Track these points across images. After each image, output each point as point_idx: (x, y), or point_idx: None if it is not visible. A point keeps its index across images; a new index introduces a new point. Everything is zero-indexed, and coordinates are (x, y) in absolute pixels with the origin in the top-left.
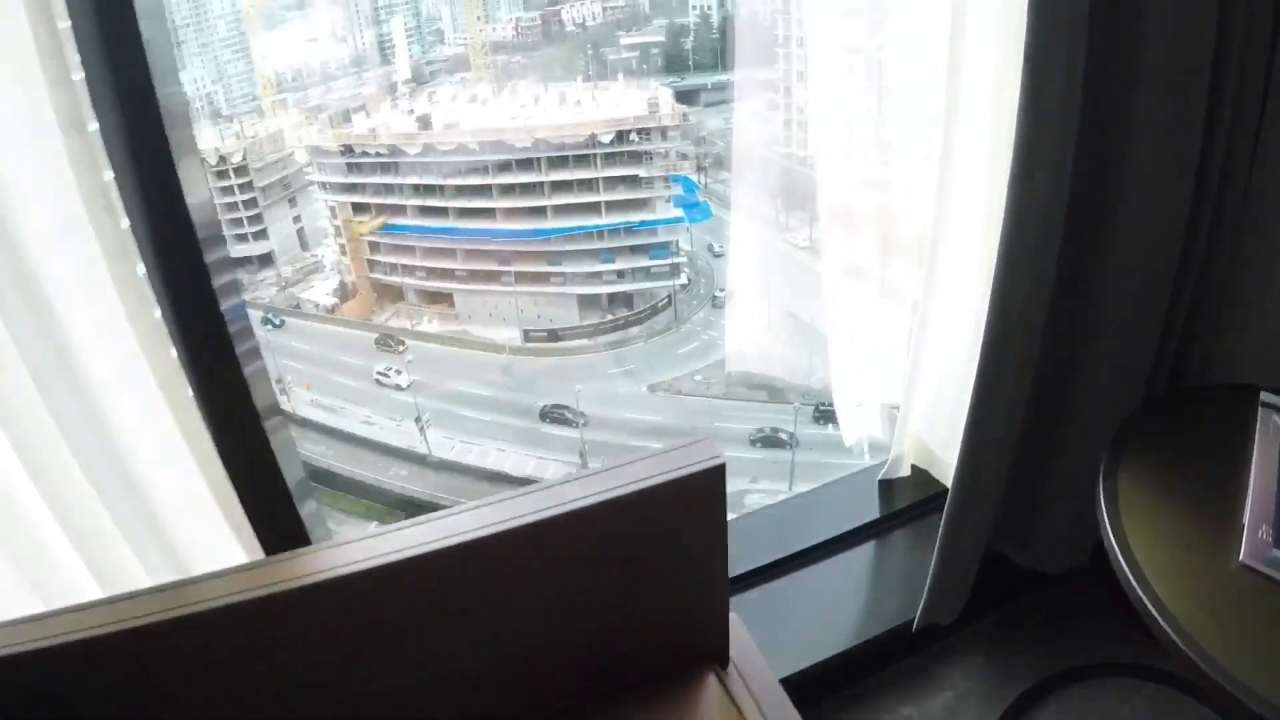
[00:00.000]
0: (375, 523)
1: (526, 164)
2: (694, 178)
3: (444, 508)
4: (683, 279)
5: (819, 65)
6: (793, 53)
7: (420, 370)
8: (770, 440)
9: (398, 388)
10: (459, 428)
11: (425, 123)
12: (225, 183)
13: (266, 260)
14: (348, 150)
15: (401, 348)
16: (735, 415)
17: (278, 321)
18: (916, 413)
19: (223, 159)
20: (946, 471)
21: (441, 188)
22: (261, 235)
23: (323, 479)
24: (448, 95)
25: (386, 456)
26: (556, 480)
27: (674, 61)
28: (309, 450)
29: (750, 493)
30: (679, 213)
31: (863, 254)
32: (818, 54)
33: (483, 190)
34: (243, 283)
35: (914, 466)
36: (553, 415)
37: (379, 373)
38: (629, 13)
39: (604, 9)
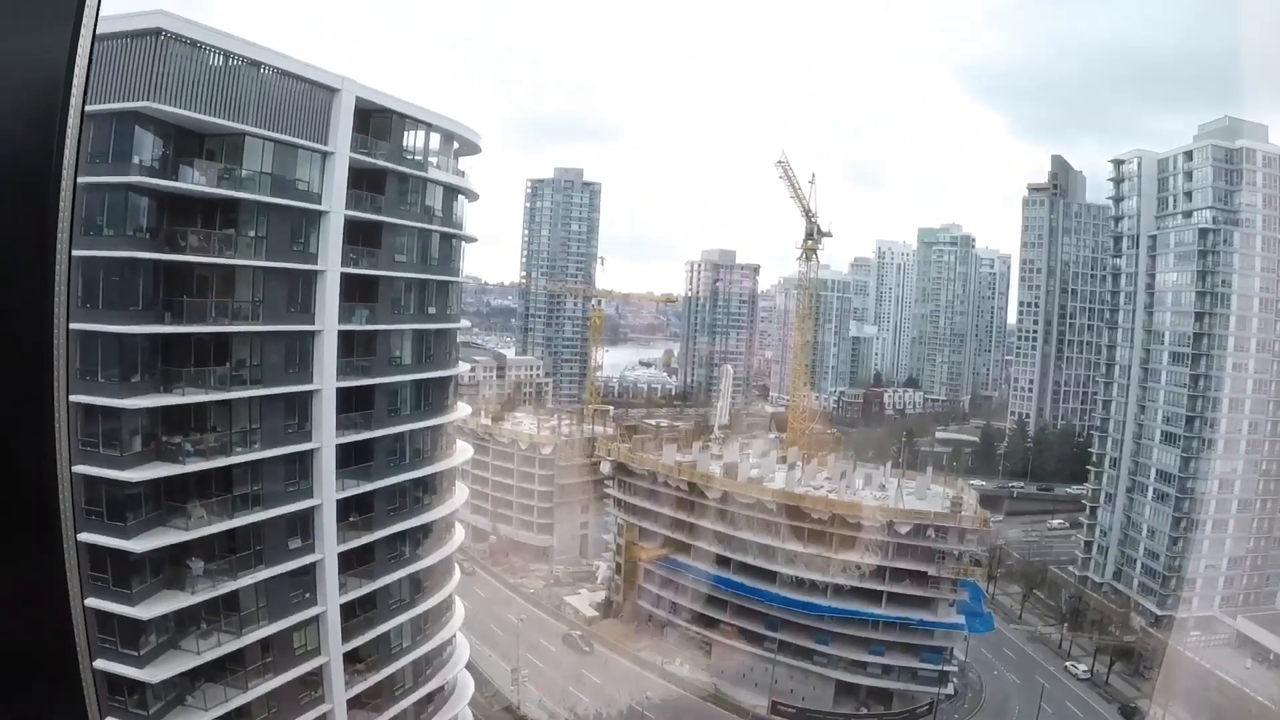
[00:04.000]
0: None
1: (819, 536)
2: (982, 586)
3: None
4: (950, 688)
5: None
6: None
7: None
8: None
9: None
10: None
11: (731, 472)
12: (528, 468)
13: (543, 554)
14: (650, 476)
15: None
16: None
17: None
18: None
19: (534, 446)
20: None
21: (730, 538)
22: (547, 529)
23: None
24: (760, 449)
25: None
26: None
27: (984, 463)
28: None
29: None
30: (960, 619)
31: None
32: None
33: (768, 551)
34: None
35: None
36: None
37: None
38: (948, 407)
39: (924, 399)
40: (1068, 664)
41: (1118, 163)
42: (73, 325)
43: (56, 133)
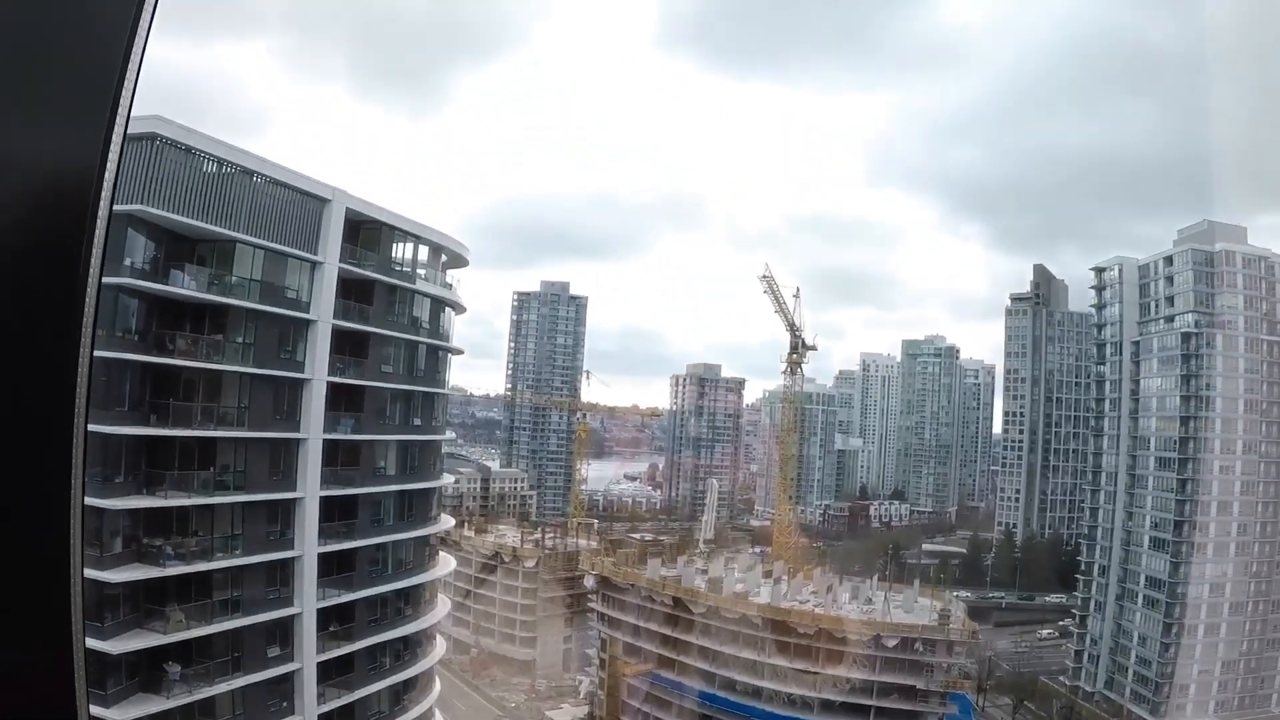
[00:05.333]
0: None
1: (805, 651)
2: (972, 698)
3: None
4: None
5: None
6: None
7: None
8: None
9: None
10: None
11: (716, 586)
12: (511, 581)
13: (525, 667)
14: (635, 590)
15: None
16: None
17: None
18: None
19: (517, 558)
20: None
21: (716, 653)
22: (529, 643)
23: None
24: (745, 564)
25: None
26: None
27: (972, 574)
28: None
29: None
30: None
31: None
32: None
33: (754, 667)
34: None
35: None
36: None
37: None
38: (934, 519)
39: (910, 511)
40: None
41: (1099, 270)
42: None
43: (86, 232)
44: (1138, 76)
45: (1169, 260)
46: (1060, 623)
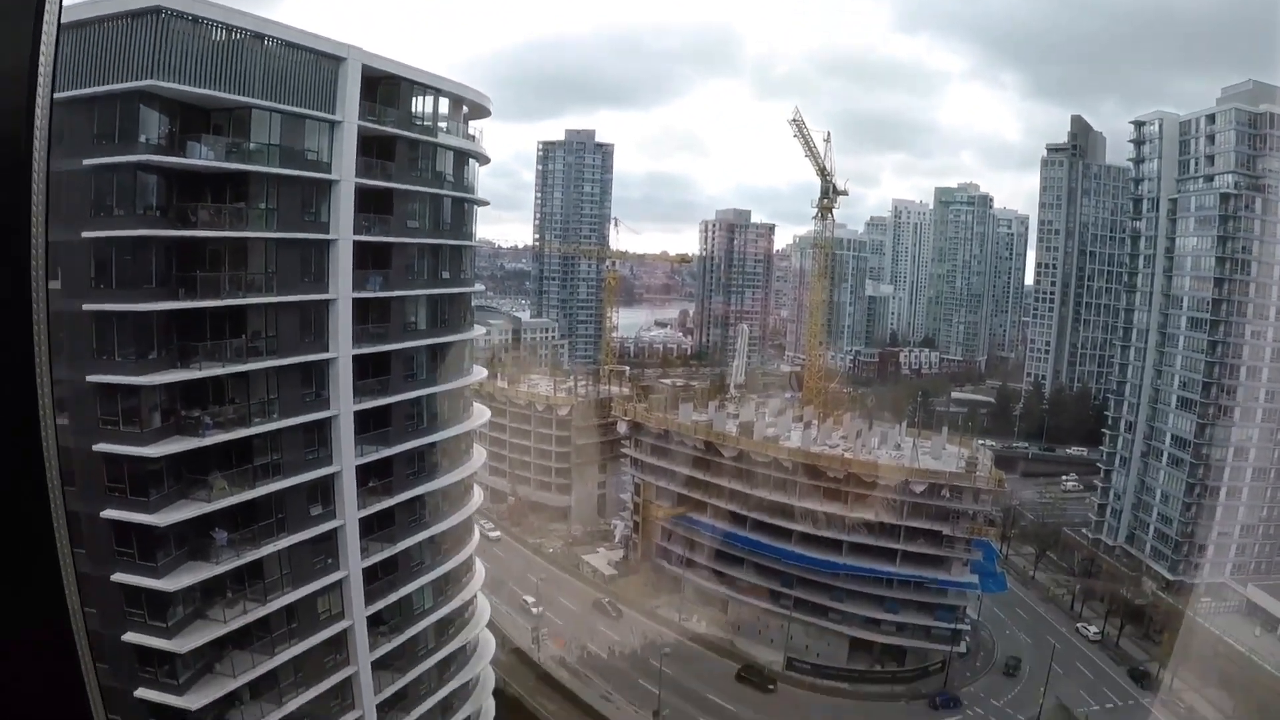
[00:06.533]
0: None
1: (834, 494)
2: (996, 546)
3: None
4: (962, 647)
5: None
6: None
7: (676, 664)
8: None
9: None
10: None
11: (747, 430)
12: (545, 430)
13: (561, 514)
14: (666, 435)
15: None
16: None
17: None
18: None
19: (550, 407)
20: None
21: (747, 496)
22: (565, 490)
23: None
24: (775, 408)
25: None
26: None
27: (1000, 423)
28: (538, 703)
29: None
30: (974, 579)
31: None
32: None
33: (785, 510)
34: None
35: None
36: None
37: None
38: (964, 368)
39: (940, 359)
40: (1079, 625)
41: (1138, 124)
42: (88, 305)
43: (25, 121)
44: None
45: (1211, 118)
46: (1085, 476)
